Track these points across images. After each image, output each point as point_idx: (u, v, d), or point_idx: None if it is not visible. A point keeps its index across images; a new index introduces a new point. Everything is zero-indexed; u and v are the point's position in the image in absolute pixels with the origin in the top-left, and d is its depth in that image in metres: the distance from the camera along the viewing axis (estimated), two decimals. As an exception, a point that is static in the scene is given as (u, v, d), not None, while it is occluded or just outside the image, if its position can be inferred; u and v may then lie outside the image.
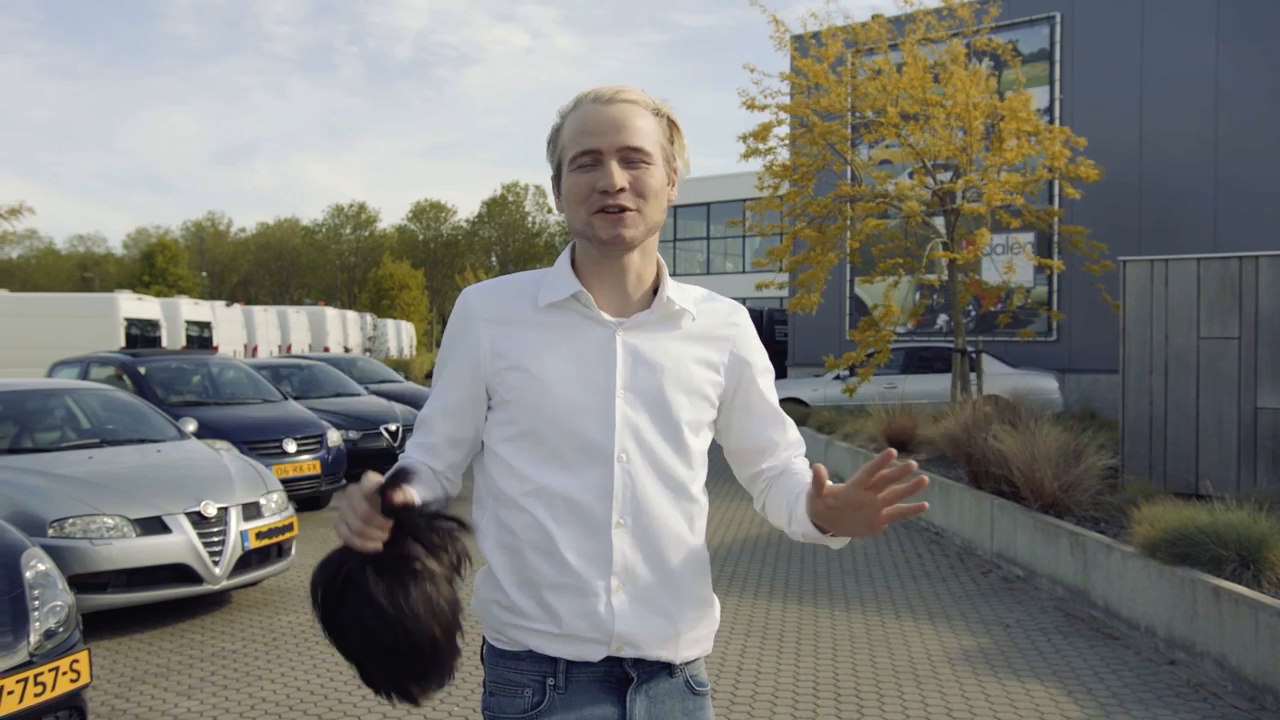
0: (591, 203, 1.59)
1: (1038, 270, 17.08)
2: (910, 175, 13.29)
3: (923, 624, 5.96)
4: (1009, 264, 12.60)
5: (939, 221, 13.22)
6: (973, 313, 18.17)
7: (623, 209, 1.58)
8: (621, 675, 1.63)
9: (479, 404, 1.68)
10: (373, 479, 1.41)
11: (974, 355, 12.60)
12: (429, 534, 1.44)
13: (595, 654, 1.60)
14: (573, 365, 1.62)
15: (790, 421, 1.85)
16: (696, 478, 1.70)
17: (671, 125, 1.68)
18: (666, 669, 1.66)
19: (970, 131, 11.97)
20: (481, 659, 1.70)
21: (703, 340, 1.71)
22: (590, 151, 1.59)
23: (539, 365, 1.62)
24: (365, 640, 1.42)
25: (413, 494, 1.43)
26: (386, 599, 1.39)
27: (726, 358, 1.73)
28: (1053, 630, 5.81)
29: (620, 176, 1.58)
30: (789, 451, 1.83)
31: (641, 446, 1.62)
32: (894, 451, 1.51)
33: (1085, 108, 17.24)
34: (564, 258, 1.71)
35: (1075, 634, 5.73)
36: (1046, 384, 14.68)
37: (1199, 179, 16.31)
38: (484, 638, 1.70)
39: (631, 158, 1.60)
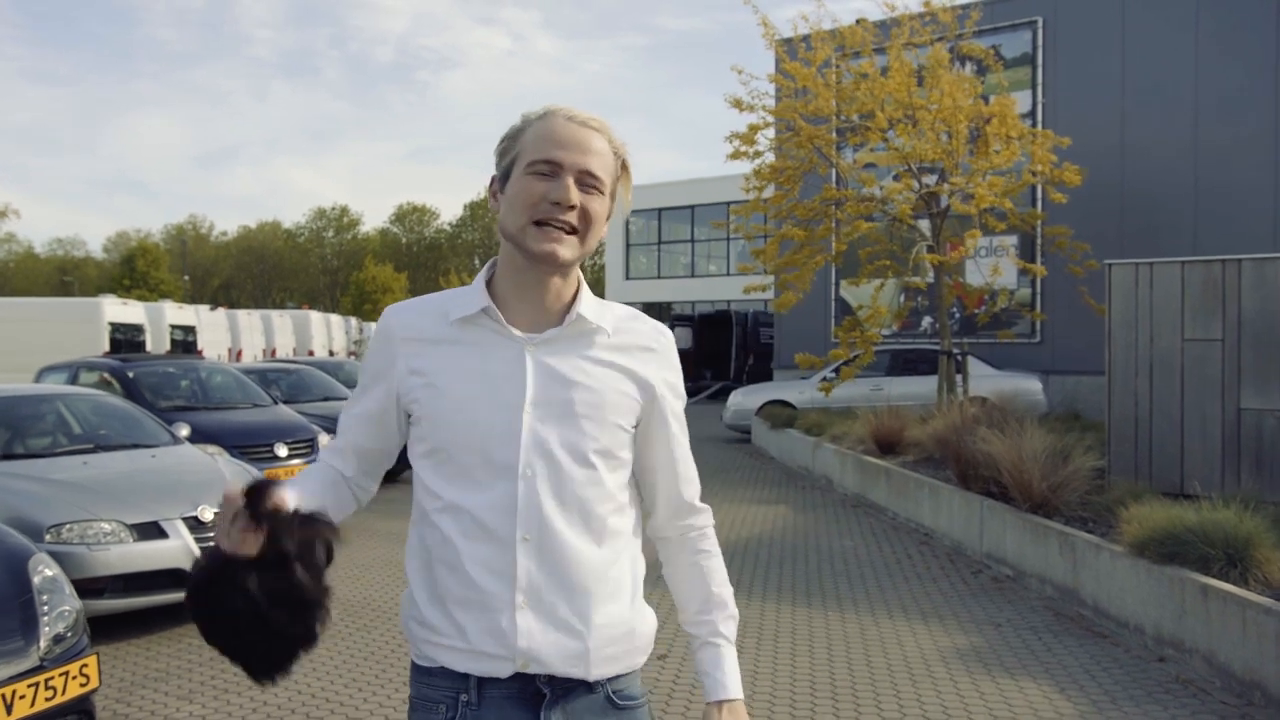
0: (538, 210, 1.59)
1: (1021, 272, 17.23)
2: (895, 178, 13.39)
3: (915, 624, 6.04)
4: (995, 266, 12.72)
5: (924, 224, 13.33)
6: (956, 315, 18.31)
7: (568, 228, 1.60)
8: (535, 691, 1.62)
9: (389, 419, 1.72)
10: (237, 488, 1.45)
11: (960, 357, 12.70)
12: (296, 533, 1.47)
13: (503, 670, 1.60)
14: (480, 381, 1.62)
15: (694, 478, 1.86)
16: (609, 494, 1.67)
17: (624, 168, 1.71)
18: (584, 685, 1.64)
19: (955, 135, 12.08)
20: (410, 673, 1.74)
21: (618, 357, 1.69)
22: (551, 162, 1.60)
23: (447, 381, 1.63)
24: (239, 631, 1.47)
25: (283, 498, 1.47)
26: (258, 592, 1.43)
27: (642, 376, 1.71)
28: (1043, 629, 5.89)
29: (575, 194, 1.59)
30: (701, 518, 1.85)
31: (548, 462, 1.61)
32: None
33: (1067, 112, 17.41)
34: (480, 275, 1.71)
35: (1065, 632, 5.82)
36: (1030, 385, 14.80)
37: (1179, 183, 16.50)
38: (411, 656, 1.73)
39: (587, 181, 1.61)
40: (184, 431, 8.02)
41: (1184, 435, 7.78)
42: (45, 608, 3.59)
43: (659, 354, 1.75)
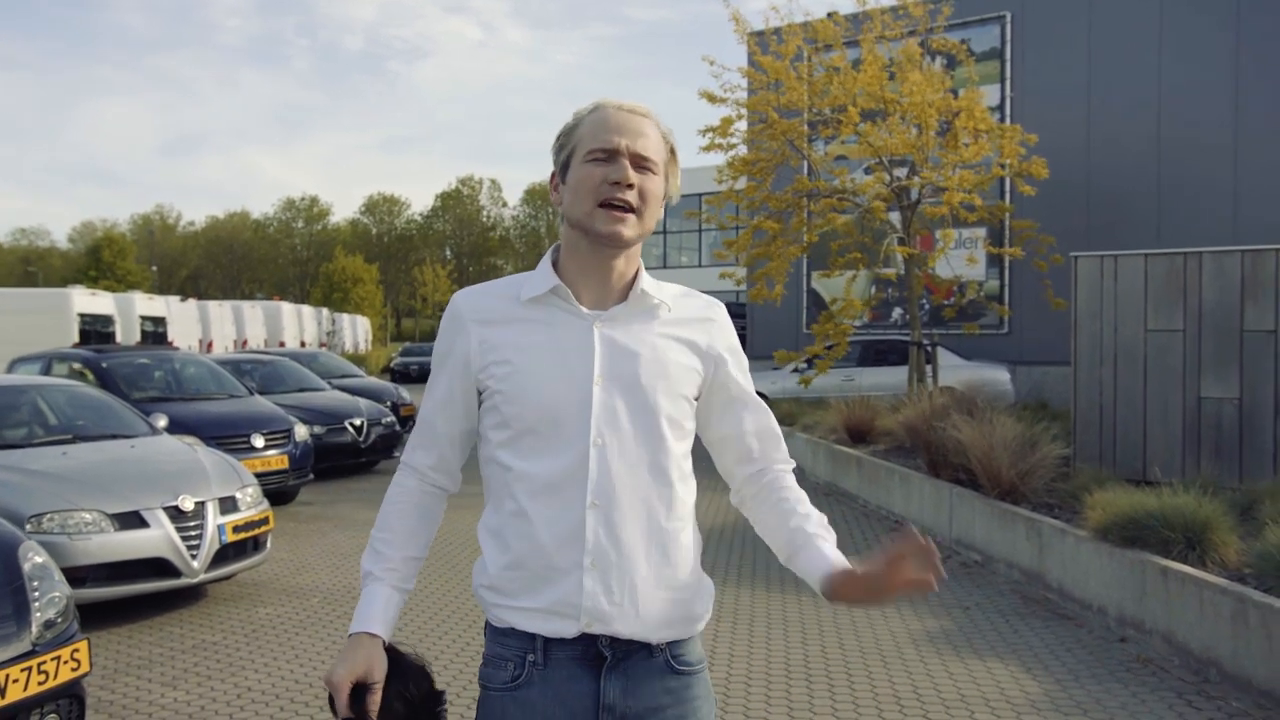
0: (600, 192, 1.69)
1: (989, 265, 17.46)
2: (868, 171, 13.55)
3: (887, 608, 6.18)
4: (970, 256, 12.92)
5: (895, 216, 13.50)
6: (926, 306, 18.53)
7: (627, 207, 1.69)
8: (597, 654, 1.70)
9: (472, 399, 1.79)
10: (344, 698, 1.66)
11: (929, 348, 12.89)
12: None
13: (569, 630, 1.68)
14: (552, 355, 1.71)
15: (779, 431, 1.95)
16: (675, 463, 1.76)
17: (672, 152, 1.80)
18: (645, 648, 1.72)
19: (925, 129, 12.25)
20: (485, 633, 1.83)
21: (679, 330, 1.80)
22: (607, 149, 1.70)
23: (521, 357, 1.72)
24: None
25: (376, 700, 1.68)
26: None
27: (703, 347, 1.81)
28: (1010, 612, 6.06)
29: (632, 174, 1.70)
30: (779, 465, 1.94)
31: (618, 432, 1.70)
32: (914, 529, 1.60)
33: (1035, 106, 17.63)
34: (546, 258, 1.81)
35: (1031, 615, 5.98)
36: (999, 376, 15.03)
37: (1143, 177, 16.76)
38: (486, 619, 1.82)
39: (641, 164, 1.71)
40: (162, 422, 8.03)
41: (1147, 423, 7.97)
42: (36, 594, 3.65)
43: (717, 323, 1.86)
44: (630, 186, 1.69)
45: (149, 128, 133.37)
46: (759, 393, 1.96)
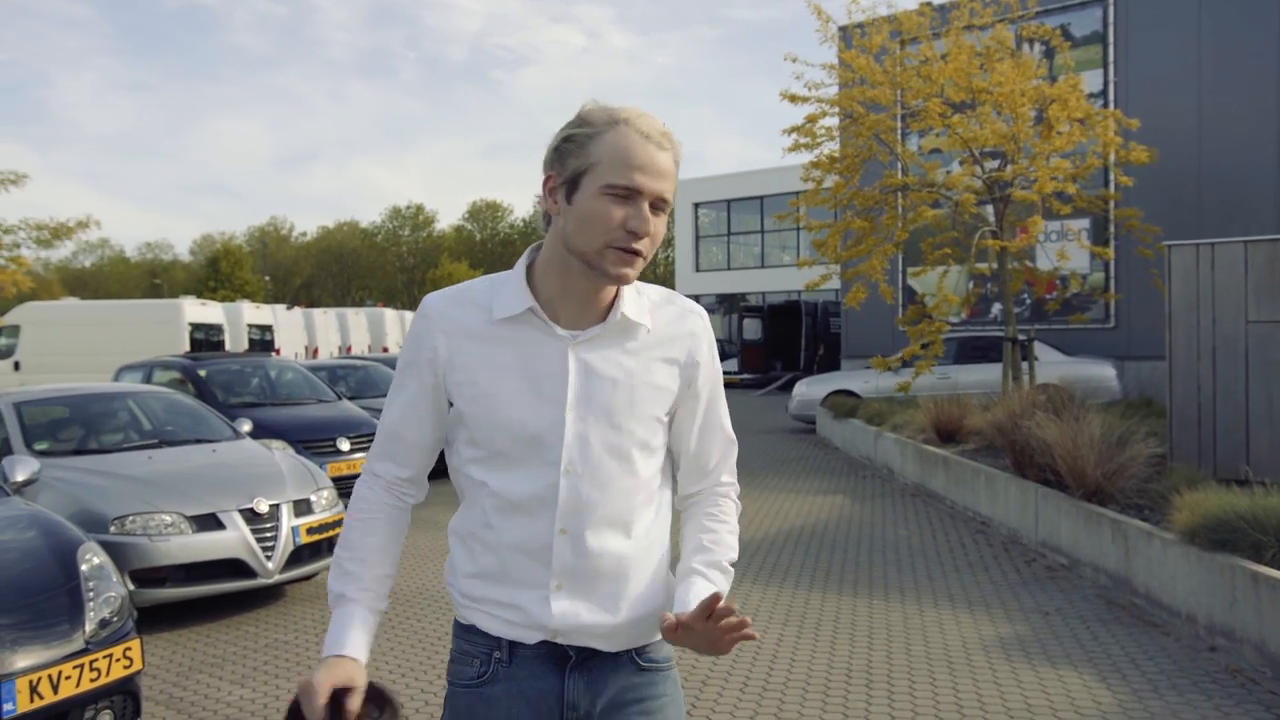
0: (614, 237, 1.59)
1: (1093, 256, 16.85)
2: (960, 165, 13.20)
3: (961, 612, 5.99)
4: (1061, 251, 12.47)
5: (988, 210, 13.13)
6: (1027, 300, 17.97)
7: (638, 253, 1.62)
8: (561, 653, 1.72)
9: (442, 407, 1.76)
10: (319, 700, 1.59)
11: (1025, 343, 12.49)
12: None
13: (531, 638, 1.70)
14: (524, 379, 1.66)
15: (732, 449, 1.88)
16: (645, 485, 1.73)
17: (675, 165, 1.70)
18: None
19: (1018, 119, 11.87)
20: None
21: (657, 350, 1.74)
22: (631, 189, 1.59)
23: (491, 378, 1.67)
24: None
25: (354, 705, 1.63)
26: None
27: (680, 363, 1.76)
28: (1092, 618, 5.80)
29: (651, 223, 1.61)
30: (722, 487, 1.86)
31: (588, 459, 1.67)
32: (719, 596, 1.53)
33: (1141, 89, 16.95)
34: (520, 268, 1.72)
35: (1115, 621, 5.72)
36: (1103, 371, 14.48)
37: (1260, 159, 15.96)
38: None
39: (658, 205, 1.62)
40: (246, 427, 8.28)
41: (1249, 420, 7.56)
42: (91, 594, 3.78)
43: (695, 335, 1.78)
44: (649, 236, 1.62)
45: (264, 143, 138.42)
46: (848, 391, 1.90)
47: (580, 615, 1.68)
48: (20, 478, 5.16)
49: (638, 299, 1.73)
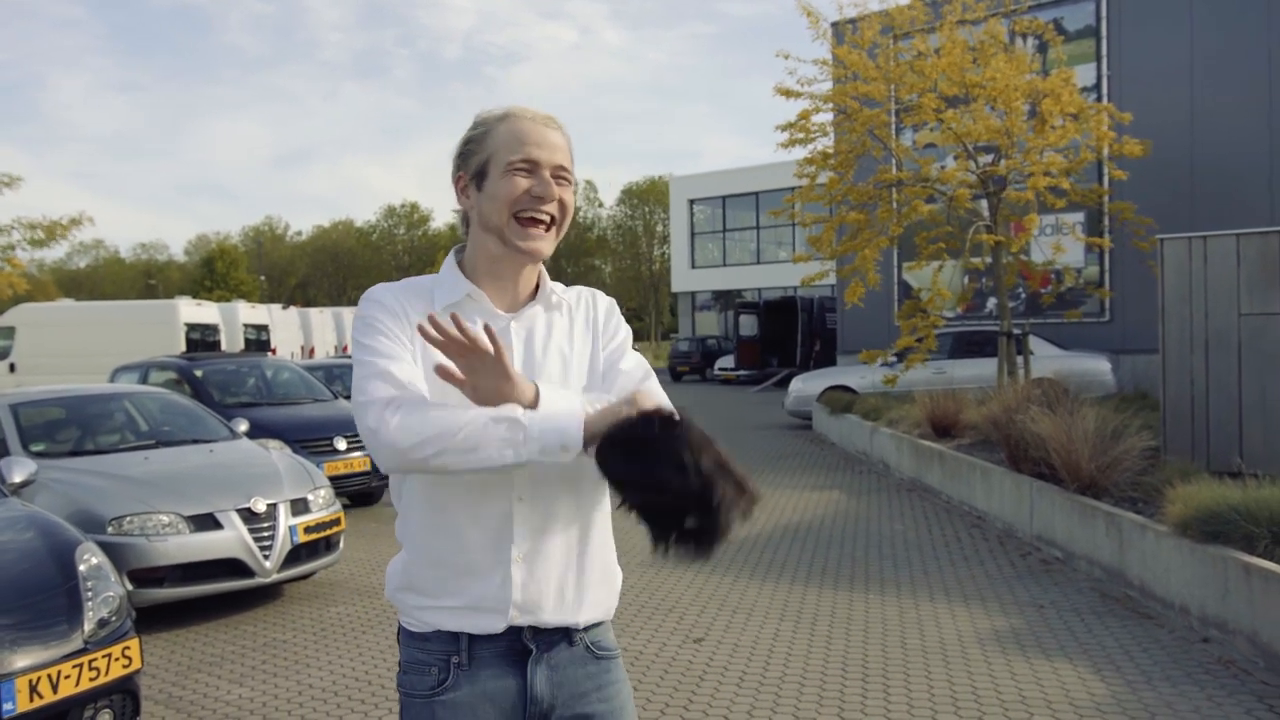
0: (521, 204, 1.74)
1: (1088, 250, 16.89)
2: (954, 159, 13.23)
3: (956, 606, 6.02)
4: (1056, 244, 12.51)
5: (982, 204, 13.16)
6: (1022, 294, 18.01)
7: (550, 220, 1.76)
8: (522, 648, 1.75)
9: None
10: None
11: (1020, 338, 12.53)
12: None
13: (496, 625, 1.72)
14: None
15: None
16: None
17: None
18: (565, 638, 1.78)
19: (1011, 113, 11.90)
20: (397, 641, 1.84)
21: (579, 322, 1.87)
22: (530, 161, 1.74)
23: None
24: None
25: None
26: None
27: (586, 327, 1.87)
28: (1087, 610, 5.84)
29: (555, 189, 1.76)
30: None
31: None
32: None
33: (1134, 83, 17.00)
34: (450, 263, 1.84)
35: (1109, 614, 5.76)
36: (1098, 365, 14.53)
37: (1252, 152, 16.01)
38: (399, 622, 1.83)
39: (560, 175, 1.77)
40: (242, 427, 8.29)
41: (1243, 412, 7.60)
42: (90, 594, 3.80)
43: (600, 308, 1.91)
44: (553, 202, 1.76)
45: (259, 143, 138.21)
46: (845, 386, 1.95)
47: (540, 585, 1.72)
48: (18, 479, 5.18)
49: (557, 284, 1.88)
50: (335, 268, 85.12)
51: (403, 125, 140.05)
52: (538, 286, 1.86)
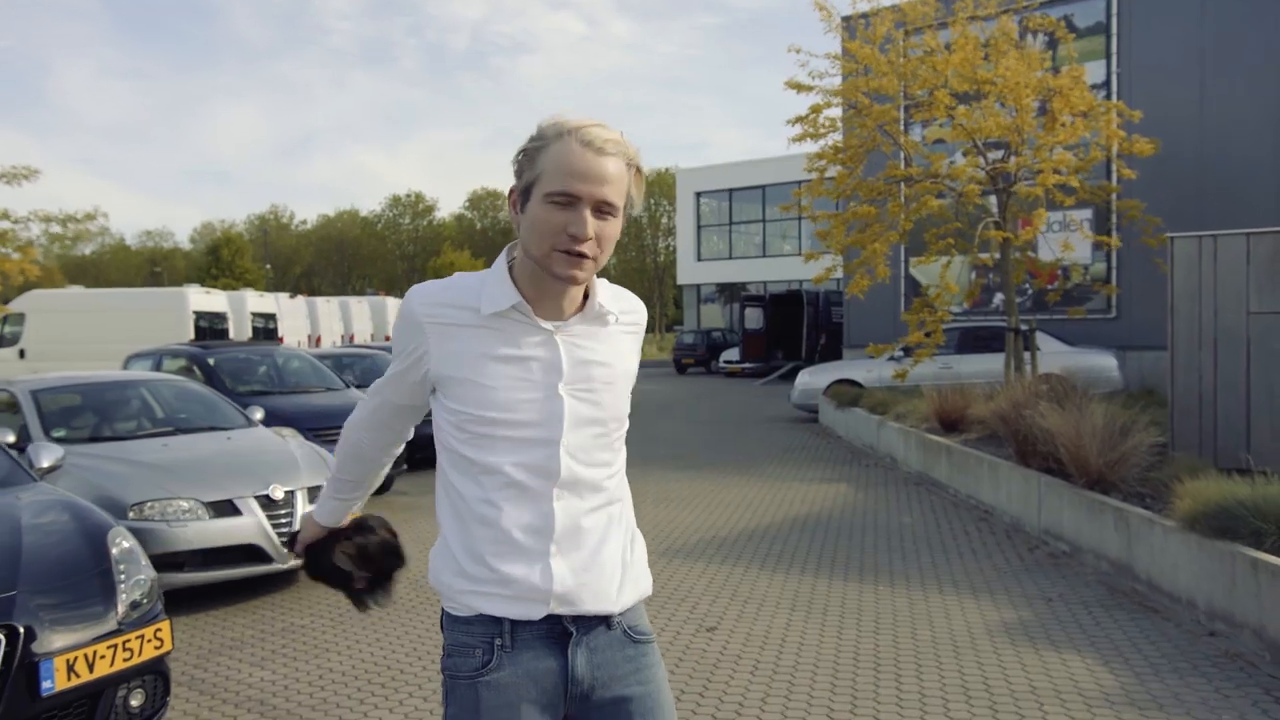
0: (559, 241, 1.74)
1: (1095, 246, 16.92)
2: (964, 155, 13.27)
3: (965, 598, 6.10)
4: (1065, 242, 12.56)
5: (991, 201, 13.20)
6: (1029, 290, 18.05)
7: (583, 255, 1.75)
8: (562, 631, 1.83)
9: (426, 388, 1.91)
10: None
11: (1027, 333, 12.58)
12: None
13: (537, 612, 1.80)
14: (517, 366, 1.80)
15: None
16: (616, 451, 1.92)
17: (637, 172, 1.83)
18: (604, 622, 1.87)
19: (1021, 110, 11.94)
20: (440, 627, 1.91)
21: (624, 336, 1.94)
22: (569, 194, 1.72)
23: (484, 370, 1.80)
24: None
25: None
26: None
27: (633, 345, 1.98)
28: (1094, 604, 5.91)
29: (591, 227, 1.74)
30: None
31: (580, 432, 1.83)
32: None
33: (1143, 80, 17.02)
34: (502, 265, 1.86)
35: (1117, 607, 5.83)
36: (1105, 362, 14.58)
37: (1263, 153, 16.03)
38: (442, 607, 1.90)
39: (603, 209, 1.76)
40: (258, 415, 8.36)
41: (1250, 409, 7.66)
42: (122, 577, 3.88)
43: (641, 327, 2.01)
44: (589, 240, 1.75)
45: (264, 131, 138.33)
46: (851, 380, 2.09)
47: (579, 576, 1.82)
48: (46, 464, 5.25)
49: (604, 293, 1.90)
50: (340, 257, 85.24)
51: (409, 115, 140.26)
52: (587, 296, 1.88)
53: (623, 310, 1.93)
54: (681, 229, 42.25)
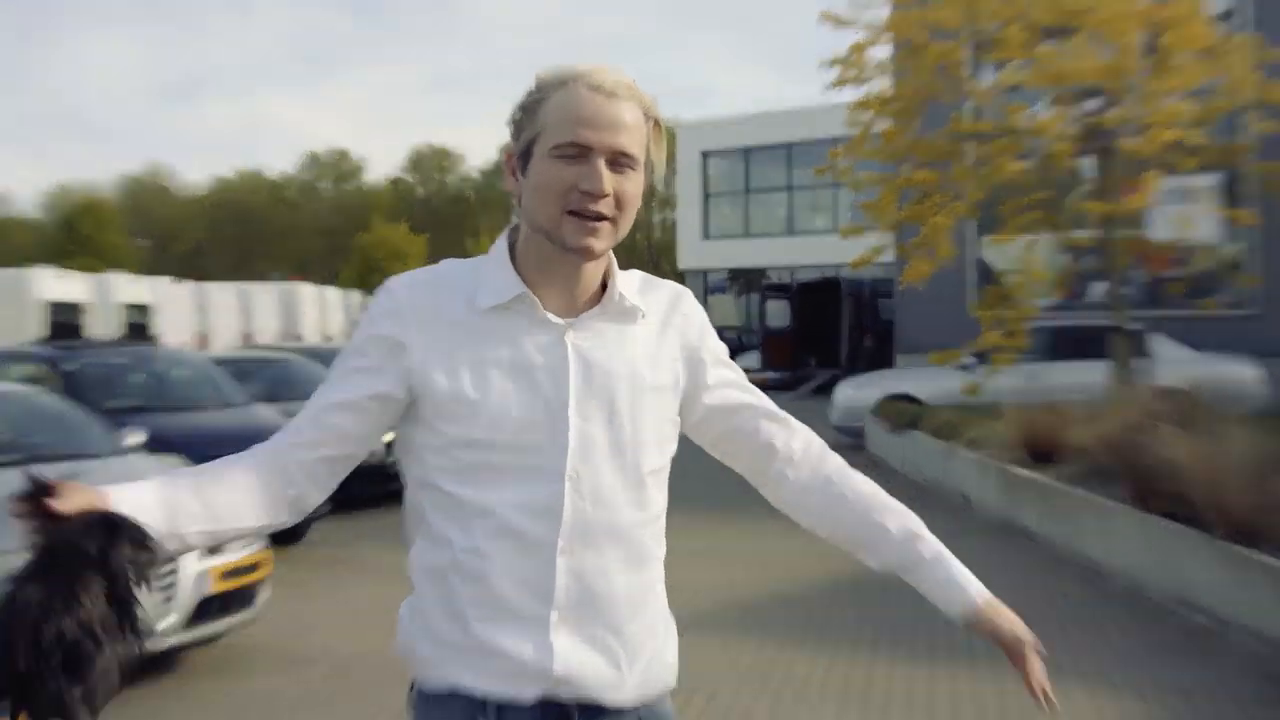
0: (569, 200, 1.77)
1: (1227, 223, 16.87)
2: (1049, 106, 13.22)
3: (1073, 689, 5.92)
4: (1185, 217, 12.51)
5: (1087, 163, 13.16)
6: (1140, 280, 18.01)
7: (600, 217, 1.78)
8: (560, 713, 1.80)
9: (385, 408, 1.84)
10: None
11: (1139, 335, 12.55)
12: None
13: (527, 693, 1.77)
14: (517, 374, 1.81)
15: (777, 410, 2.08)
16: (653, 497, 1.90)
17: (655, 126, 1.87)
18: (617, 717, 1.86)
19: (1123, 49, 11.89)
20: (407, 708, 1.90)
21: (657, 338, 1.94)
22: (579, 144, 1.76)
23: (478, 375, 1.80)
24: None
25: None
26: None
27: (679, 351, 1.96)
28: (1250, 700, 5.81)
29: (608, 181, 1.77)
30: (803, 446, 2.08)
31: (595, 465, 1.82)
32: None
33: (1284, 9, 16.99)
34: (502, 249, 1.90)
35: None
36: (1243, 372, 14.58)
37: None
38: (411, 683, 1.89)
39: (620, 161, 1.79)
40: (137, 438, 8.21)
41: None
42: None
43: (689, 317, 2.01)
44: (606, 195, 1.78)
45: (141, 69, 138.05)
46: (907, 395, 2.01)
47: (584, 655, 1.80)
48: None
49: (630, 283, 1.94)
50: (240, 231, 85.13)
51: (331, 50, 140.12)
52: (605, 284, 1.89)
53: (655, 304, 1.95)
54: (683, 198, 42.30)
